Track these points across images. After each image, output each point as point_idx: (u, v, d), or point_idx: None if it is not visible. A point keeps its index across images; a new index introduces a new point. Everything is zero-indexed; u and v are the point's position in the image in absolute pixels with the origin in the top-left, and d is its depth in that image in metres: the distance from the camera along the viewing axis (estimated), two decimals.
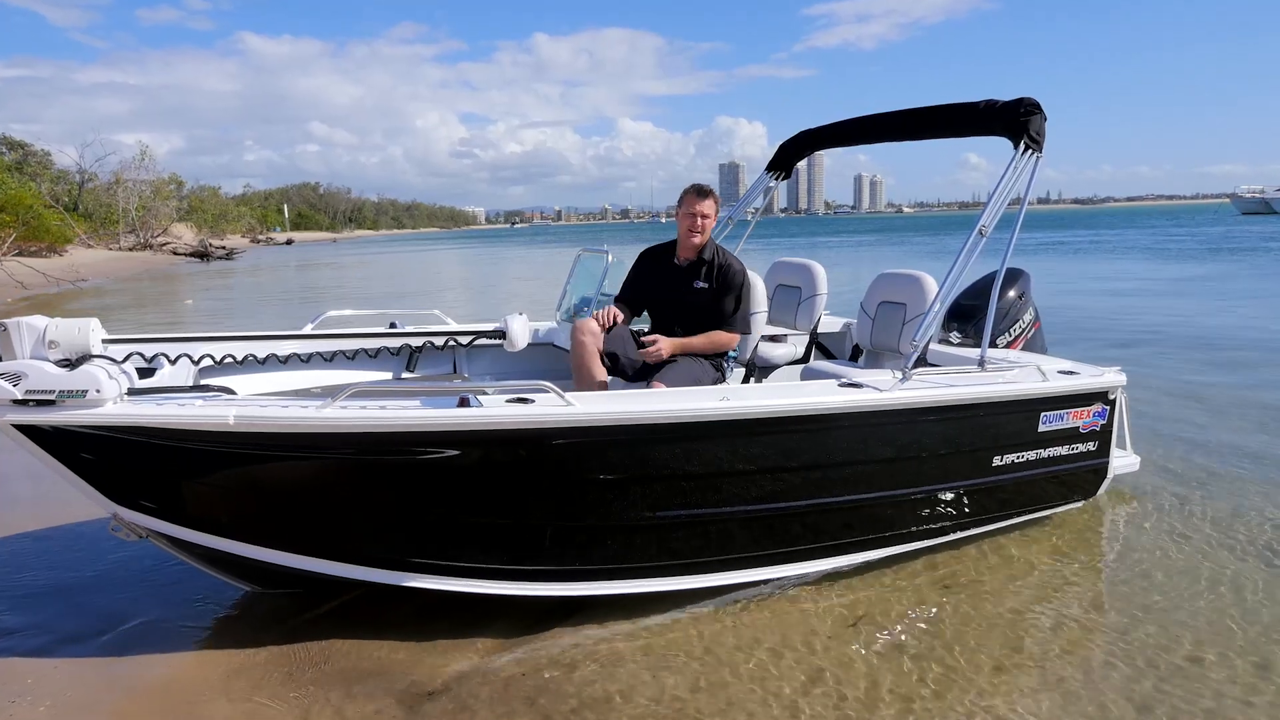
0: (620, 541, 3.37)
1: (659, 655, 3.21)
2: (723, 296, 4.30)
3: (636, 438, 3.19)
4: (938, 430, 3.78)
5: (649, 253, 4.59)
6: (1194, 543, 4.24)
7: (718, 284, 4.30)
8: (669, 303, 4.40)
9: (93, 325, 3.01)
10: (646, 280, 4.49)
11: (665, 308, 4.43)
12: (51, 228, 38.54)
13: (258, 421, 2.85)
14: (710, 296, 4.31)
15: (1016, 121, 4.06)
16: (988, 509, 4.18)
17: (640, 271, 4.54)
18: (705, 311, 4.31)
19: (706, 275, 4.32)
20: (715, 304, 4.30)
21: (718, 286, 4.30)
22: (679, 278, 4.38)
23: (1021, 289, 5.08)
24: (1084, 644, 3.29)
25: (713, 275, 4.32)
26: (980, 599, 3.67)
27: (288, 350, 4.55)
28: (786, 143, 5.70)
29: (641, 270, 4.54)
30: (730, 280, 4.30)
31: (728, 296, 4.31)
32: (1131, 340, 10.83)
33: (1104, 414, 4.32)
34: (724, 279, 4.30)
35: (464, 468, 3.05)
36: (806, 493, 3.57)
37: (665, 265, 4.45)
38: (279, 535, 3.17)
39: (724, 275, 4.31)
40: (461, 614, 3.46)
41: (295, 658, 3.21)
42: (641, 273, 4.53)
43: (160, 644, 3.34)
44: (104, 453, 2.90)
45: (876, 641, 3.31)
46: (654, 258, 4.55)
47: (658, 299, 4.47)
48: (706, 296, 4.31)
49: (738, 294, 4.33)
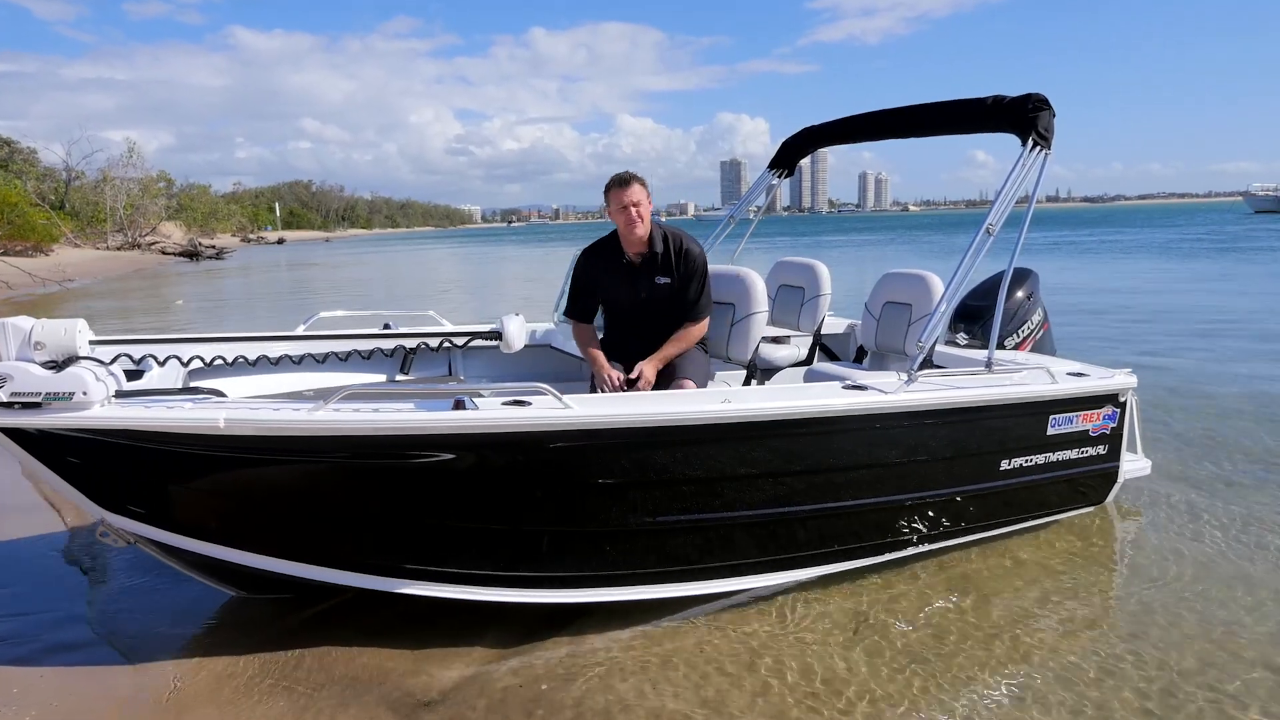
0: (619, 547, 3.37)
1: (659, 665, 3.21)
2: (689, 286, 4.13)
3: (636, 441, 3.19)
4: (944, 433, 3.78)
5: (590, 253, 4.27)
6: (1206, 548, 4.24)
7: (681, 273, 4.12)
8: (629, 305, 4.21)
9: (80, 326, 3.01)
10: (596, 284, 4.24)
11: (624, 311, 4.24)
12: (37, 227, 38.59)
13: (248, 424, 2.85)
14: (674, 290, 4.14)
15: (1024, 117, 4.06)
16: (995, 514, 4.18)
17: (586, 276, 4.26)
18: (670, 306, 4.15)
19: (666, 267, 4.12)
20: (680, 296, 4.14)
21: (682, 276, 4.12)
22: (635, 276, 4.16)
23: (1030, 289, 5.08)
24: (1093, 651, 3.29)
25: (672, 266, 4.12)
26: (987, 605, 3.68)
27: (279, 352, 4.55)
28: (789, 140, 5.70)
29: (588, 274, 4.26)
30: (693, 266, 4.13)
31: (693, 285, 4.13)
32: (1145, 342, 10.84)
33: (1114, 417, 4.32)
34: (687, 266, 4.12)
35: (459, 471, 3.05)
36: (810, 497, 3.57)
37: (615, 265, 4.18)
38: (270, 541, 3.17)
39: (686, 262, 4.12)
40: (456, 621, 3.45)
41: (285, 665, 3.21)
42: (589, 277, 4.26)
43: (148, 651, 3.34)
44: (91, 457, 2.90)
45: (882, 648, 3.31)
46: (597, 258, 4.24)
47: (614, 302, 4.26)
48: (670, 290, 4.14)
49: (702, 278, 4.16)
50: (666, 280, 4.15)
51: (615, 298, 4.26)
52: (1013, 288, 4.73)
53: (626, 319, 4.29)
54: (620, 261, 4.19)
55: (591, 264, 4.28)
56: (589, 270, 4.28)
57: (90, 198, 57.12)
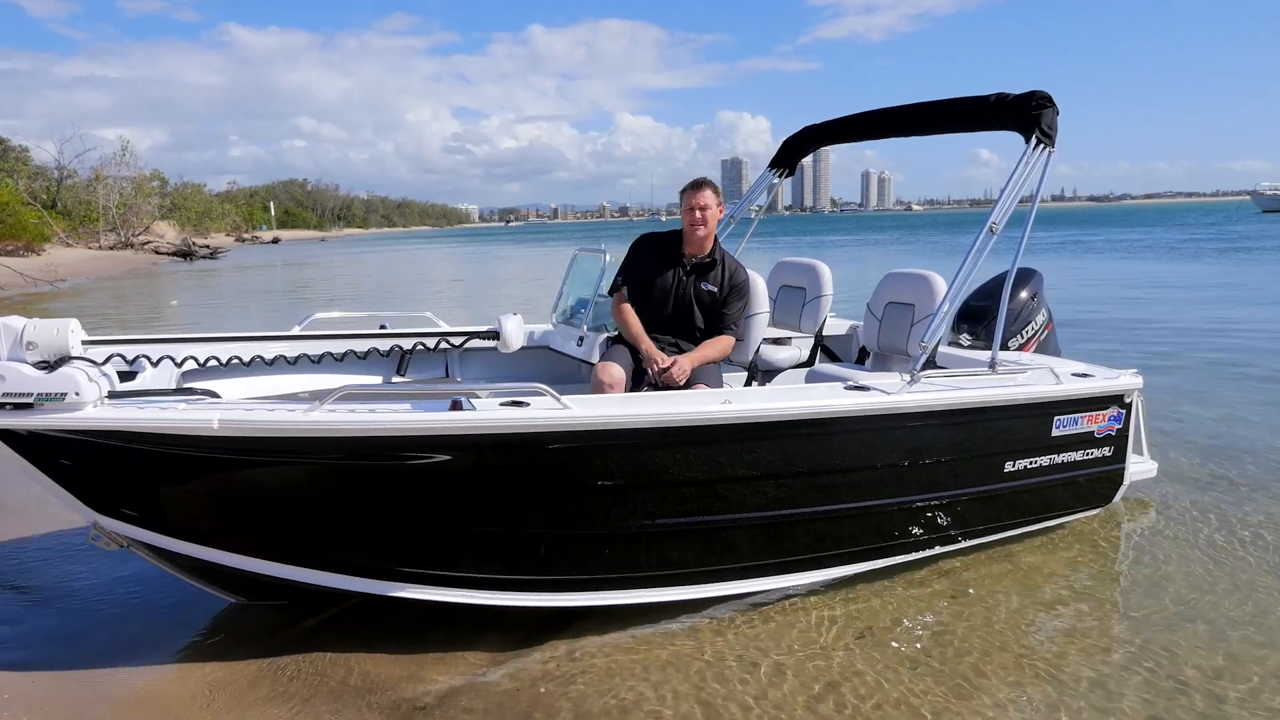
0: (618, 550, 3.37)
1: (659, 670, 3.21)
2: (731, 302, 4.36)
3: (636, 442, 3.19)
4: (947, 435, 3.78)
5: (649, 240, 4.50)
6: (1213, 552, 4.24)
7: (728, 289, 4.35)
8: (671, 298, 4.36)
9: (72, 326, 3.02)
10: (647, 269, 4.39)
11: (658, 302, 4.36)
12: (29, 226, 38.56)
13: (243, 426, 2.85)
14: (715, 299, 4.33)
15: (1028, 115, 4.07)
16: (999, 516, 4.18)
17: (640, 259, 4.44)
18: (707, 313, 4.33)
19: (716, 278, 4.34)
20: (721, 308, 4.34)
21: (728, 292, 4.35)
22: (686, 275, 4.36)
23: (1034, 289, 5.09)
24: (1098, 657, 3.29)
25: (722, 280, 4.34)
26: (991, 610, 3.68)
27: (274, 352, 4.55)
28: (791, 138, 5.71)
29: (641, 258, 4.44)
30: (739, 288, 4.39)
31: (736, 303, 4.38)
32: (1151, 343, 10.84)
33: (1120, 418, 4.33)
34: (734, 286, 4.36)
35: (456, 473, 3.05)
36: (811, 499, 3.58)
37: (669, 258, 4.38)
38: (265, 544, 3.17)
39: (733, 281, 4.37)
40: (453, 625, 3.46)
41: (281, 671, 3.21)
42: (641, 260, 4.43)
43: (142, 657, 3.34)
44: (83, 458, 2.90)
45: (883, 654, 3.31)
46: (655, 247, 4.46)
47: (652, 291, 4.37)
48: (712, 298, 4.33)
49: (744, 302, 4.45)
50: (713, 289, 4.34)
51: (656, 286, 4.38)
52: (1016, 288, 4.74)
53: (657, 310, 4.36)
54: (677, 256, 4.37)
55: (648, 249, 4.46)
56: (644, 252, 4.46)
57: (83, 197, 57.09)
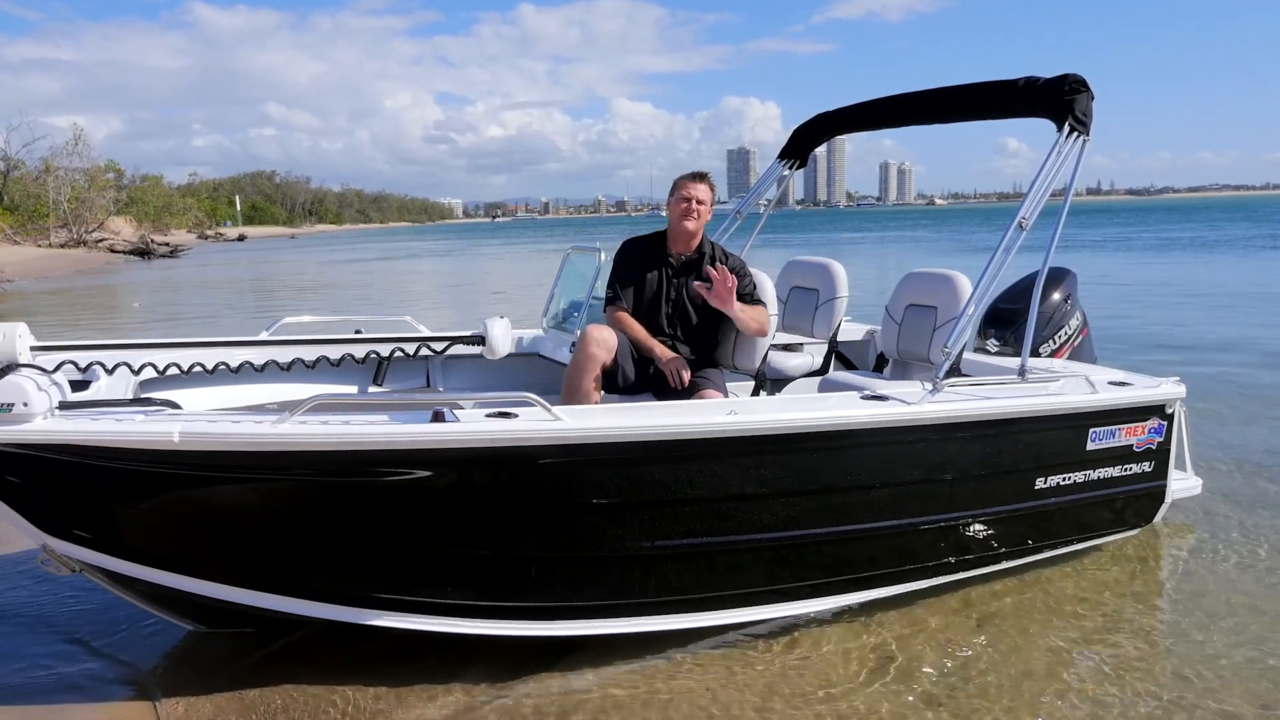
0: (615, 574, 3.38)
1: (660, 708, 3.20)
2: (741, 278, 4.35)
3: (633, 457, 3.20)
4: (973, 449, 3.79)
5: (632, 245, 4.54)
6: (1264, 576, 4.25)
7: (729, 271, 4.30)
8: (662, 300, 4.37)
9: (20, 331, 3.02)
10: (636, 275, 4.43)
11: (656, 306, 4.39)
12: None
13: (205, 439, 2.86)
14: None
15: (1060, 101, 4.09)
16: (1030, 538, 4.19)
17: (627, 266, 4.47)
18: (706, 312, 4.34)
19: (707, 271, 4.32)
20: None
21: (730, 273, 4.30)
22: (675, 274, 4.38)
23: (1067, 290, 5.10)
24: (1138, 692, 3.29)
25: (716, 267, 4.30)
26: (1019, 641, 3.68)
27: (239, 359, 4.54)
28: (802, 127, 5.73)
29: (628, 264, 4.47)
30: (739, 268, 4.41)
31: (745, 279, 4.41)
32: (1197, 348, 10.85)
33: (1161, 430, 4.34)
34: (732, 268, 4.35)
35: (438, 491, 3.06)
36: (824, 520, 3.58)
37: (655, 260, 4.42)
38: (229, 568, 3.17)
39: (731, 263, 4.39)
40: (435, 656, 3.45)
41: (245, 705, 3.21)
42: (629, 267, 4.46)
43: (96, 690, 3.34)
44: (32, 475, 2.90)
45: (903, 688, 3.32)
46: (640, 251, 4.49)
47: (649, 296, 4.41)
48: (703, 299, 4.30)
49: (750, 278, 4.48)
50: (706, 285, 4.29)
51: (646, 291, 4.42)
52: (1048, 289, 4.74)
53: (650, 316, 4.39)
54: (664, 256, 4.42)
55: (634, 254, 4.51)
56: (630, 258, 4.51)
57: (31, 190, 57.16)
